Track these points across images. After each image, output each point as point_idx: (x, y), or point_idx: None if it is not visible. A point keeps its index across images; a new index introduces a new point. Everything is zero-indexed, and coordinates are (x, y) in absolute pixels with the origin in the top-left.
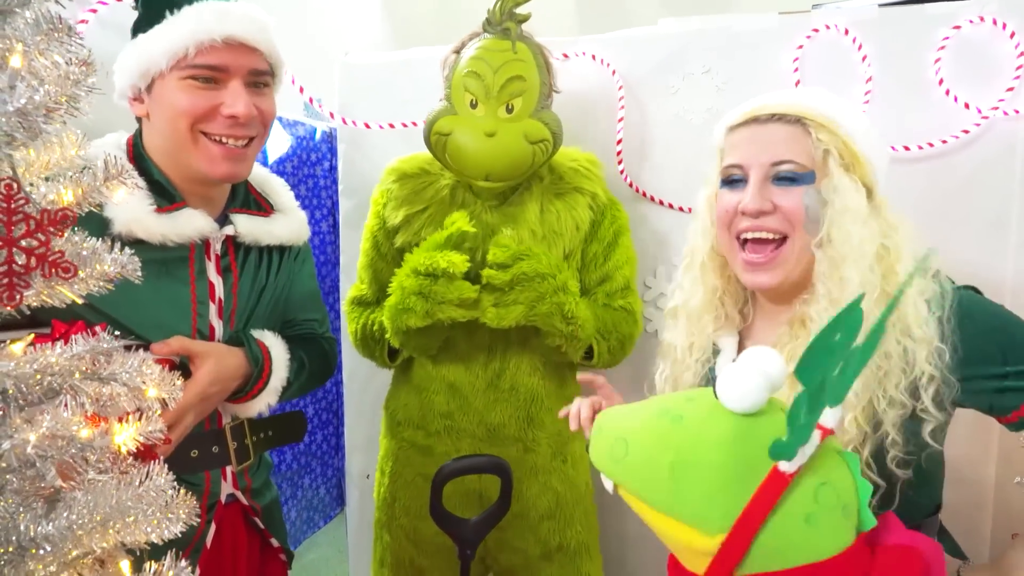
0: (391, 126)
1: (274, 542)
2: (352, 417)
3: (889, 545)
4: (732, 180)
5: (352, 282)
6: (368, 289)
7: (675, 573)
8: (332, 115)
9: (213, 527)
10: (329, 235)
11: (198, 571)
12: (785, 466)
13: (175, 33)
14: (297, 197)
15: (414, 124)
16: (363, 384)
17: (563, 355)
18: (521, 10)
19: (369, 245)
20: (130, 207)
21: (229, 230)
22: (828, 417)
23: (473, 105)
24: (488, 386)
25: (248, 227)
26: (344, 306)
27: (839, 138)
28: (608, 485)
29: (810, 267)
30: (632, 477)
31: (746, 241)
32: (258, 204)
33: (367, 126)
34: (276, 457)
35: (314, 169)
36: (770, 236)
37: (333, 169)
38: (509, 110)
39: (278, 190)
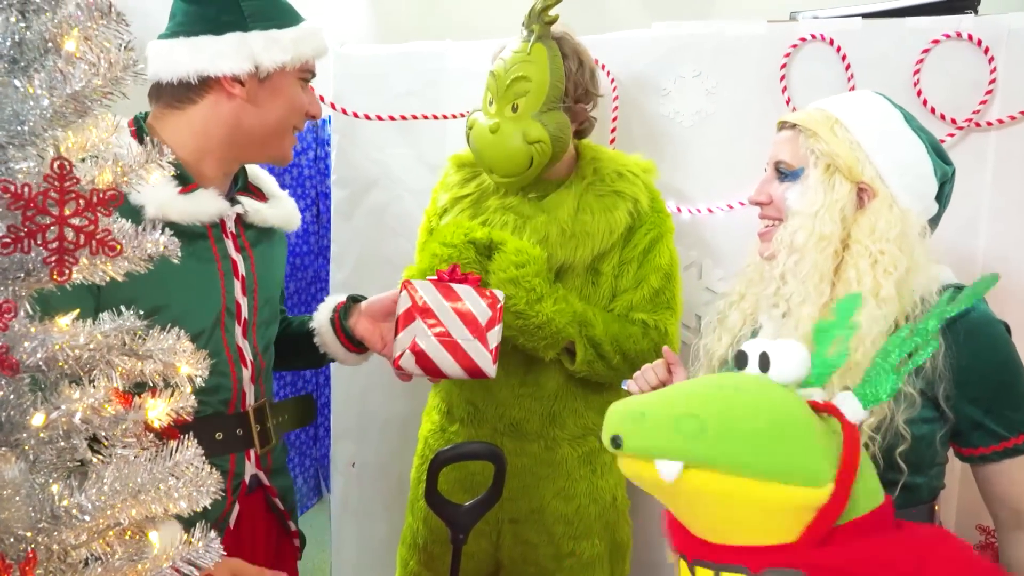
0: (391, 118)
1: (291, 525)
2: (339, 405)
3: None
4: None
5: (343, 273)
6: (417, 270)
7: (677, 534)
8: (334, 106)
9: (237, 507)
10: (312, 225)
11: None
12: (856, 419)
13: (309, 41)
14: (281, 186)
15: (404, 118)
16: (351, 372)
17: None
18: (553, 11)
19: (424, 227)
20: (160, 191)
21: (239, 208)
22: (857, 414)
23: (491, 103)
24: (513, 379)
25: (255, 207)
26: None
27: (827, 143)
28: (673, 469)
29: None
30: (720, 449)
31: None
32: (251, 192)
33: (367, 117)
34: None
35: (299, 158)
36: (768, 222)
37: (318, 159)
38: (515, 109)
39: (267, 179)
